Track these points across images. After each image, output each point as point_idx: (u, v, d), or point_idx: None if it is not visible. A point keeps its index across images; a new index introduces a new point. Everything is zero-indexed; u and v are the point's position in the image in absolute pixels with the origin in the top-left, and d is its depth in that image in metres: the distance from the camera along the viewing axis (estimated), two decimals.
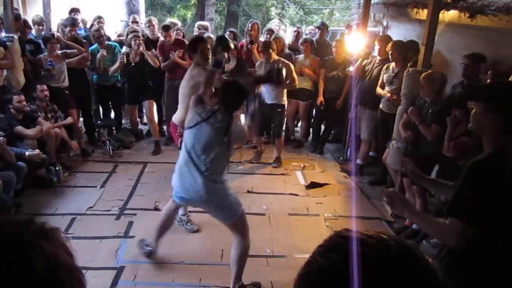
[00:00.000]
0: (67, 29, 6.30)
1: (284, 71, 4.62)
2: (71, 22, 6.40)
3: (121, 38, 7.11)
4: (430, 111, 4.23)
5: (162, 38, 6.62)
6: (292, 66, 6.05)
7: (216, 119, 3.22)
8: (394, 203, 2.10)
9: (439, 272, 0.76)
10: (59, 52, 5.98)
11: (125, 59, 6.13)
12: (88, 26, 7.52)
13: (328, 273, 0.73)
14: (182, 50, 6.25)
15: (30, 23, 6.51)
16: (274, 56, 6.00)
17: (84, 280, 0.81)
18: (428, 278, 0.73)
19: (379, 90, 5.41)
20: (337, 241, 0.77)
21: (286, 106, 6.20)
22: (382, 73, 5.39)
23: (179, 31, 6.93)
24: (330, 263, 0.74)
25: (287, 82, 5.63)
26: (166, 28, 6.52)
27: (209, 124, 3.22)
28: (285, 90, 6.04)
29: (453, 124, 3.81)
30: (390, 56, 5.25)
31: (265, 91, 5.55)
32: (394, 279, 0.70)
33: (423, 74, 4.29)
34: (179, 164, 3.44)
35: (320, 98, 6.47)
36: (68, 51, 6.12)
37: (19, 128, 5.02)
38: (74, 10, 7.36)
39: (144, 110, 6.86)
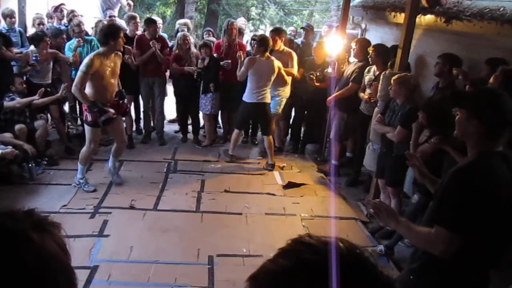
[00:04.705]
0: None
1: None
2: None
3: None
4: (399, 113, 4.30)
5: (139, 33, 6.61)
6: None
7: None
8: (379, 214, 2.09)
9: (387, 274, 0.76)
10: (50, 50, 5.97)
11: None
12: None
13: (272, 277, 0.74)
14: (161, 44, 6.36)
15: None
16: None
17: (75, 279, 0.80)
18: (377, 283, 0.73)
19: (361, 93, 5.47)
20: (290, 247, 0.77)
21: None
22: (364, 76, 5.44)
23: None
24: (276, 269, 0.74)
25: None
26: (152, 21, 6.49)
27: None
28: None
29: (418, 129, 3.82)
30: (370, 59, 5.31)
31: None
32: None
33: (394, 76, 4.36)
34: None
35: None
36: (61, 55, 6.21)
37: None
38: (60, 6, 7.25)
39: None
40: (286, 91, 6.23)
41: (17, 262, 0.71)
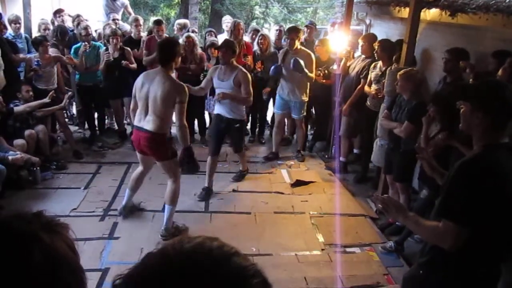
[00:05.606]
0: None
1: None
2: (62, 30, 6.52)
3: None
4: (406, 109, 4.27)
5: (144, 37, 6.63)
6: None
7: None
8: (388, 209, 2.10)
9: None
10: (52, 54, 5.99)
11: (111, 57, 6.09)
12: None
13: (126, 281, 0.74)
14: None
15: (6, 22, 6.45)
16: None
17: (85, 279, 0.82)
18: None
19: (366, 88, 5.45)
20: (150, 252, 0.78)
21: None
22: (370, 71, 5.42)
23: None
24: (131, 272, 0.75)
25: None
26: (159, 22, 6.52)
27: None
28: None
29: (428, 123, 3.78)
30: (376, 55, 5.29)
31: (219, 104, 5.23)
32: None
33: (400, 72, 4.34)
34: None
35: None
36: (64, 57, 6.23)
37: None
38: (59, 11, 7.27)
39: (125, 108, 6.81)
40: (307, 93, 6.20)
41: (28, 262, 0.73)
